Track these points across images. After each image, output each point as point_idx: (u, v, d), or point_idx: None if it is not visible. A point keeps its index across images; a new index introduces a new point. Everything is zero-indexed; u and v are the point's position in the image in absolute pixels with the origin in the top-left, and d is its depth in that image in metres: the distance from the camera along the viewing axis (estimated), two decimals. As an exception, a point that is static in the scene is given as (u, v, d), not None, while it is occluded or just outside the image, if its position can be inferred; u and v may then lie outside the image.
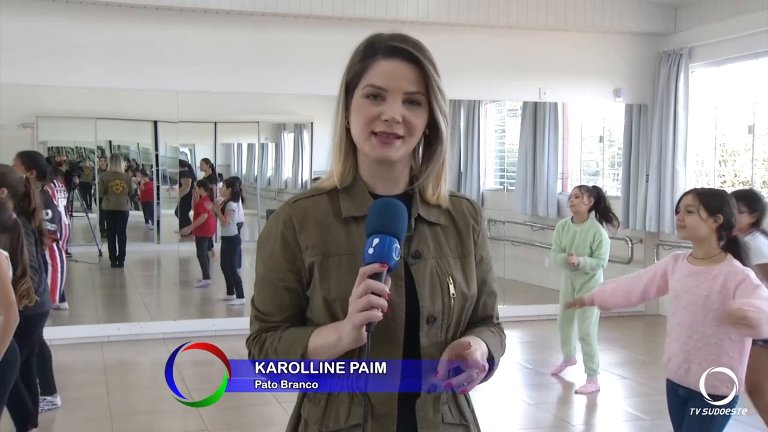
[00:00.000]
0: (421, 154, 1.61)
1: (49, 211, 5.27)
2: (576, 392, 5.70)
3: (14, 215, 3.42)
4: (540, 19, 7.72)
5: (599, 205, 5.64)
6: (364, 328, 1.42)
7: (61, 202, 5.85)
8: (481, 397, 1.52)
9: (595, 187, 5.88)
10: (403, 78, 1.51)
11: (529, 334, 6.82)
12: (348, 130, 1.56)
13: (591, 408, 5.53)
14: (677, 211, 3.19)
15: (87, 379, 5.90)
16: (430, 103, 1.53)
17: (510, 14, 7.60)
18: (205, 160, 10.58)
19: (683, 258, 3.16)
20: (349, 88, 1.56)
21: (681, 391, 3.07)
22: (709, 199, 3.09)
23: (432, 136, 1.57)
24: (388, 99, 1.50)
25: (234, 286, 8.28)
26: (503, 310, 1.82)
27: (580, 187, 5.84)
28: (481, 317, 1.67)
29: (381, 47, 1.53)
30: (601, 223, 5.64)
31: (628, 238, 8.51)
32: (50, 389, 5.13)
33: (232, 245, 8.35)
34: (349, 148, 1.58)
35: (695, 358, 3.00)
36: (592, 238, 5.59)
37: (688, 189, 4.01)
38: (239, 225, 8.85)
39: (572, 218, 5.79)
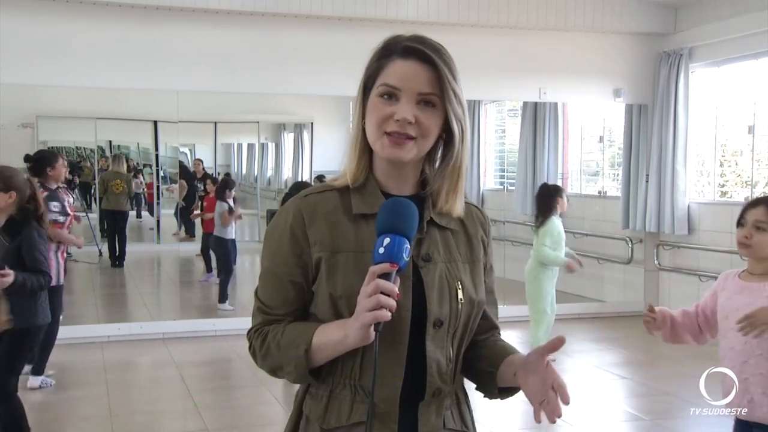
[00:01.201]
0: (439, 158, 1.60)
1: (57, 204, 5.50)
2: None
3: None
4: (540, 19, 7.72)
5: None
6: (372, 327, 1.41)
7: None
8: (481, 396, 1.52)
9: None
10: (418, 79, 1.50)
11: (528, 334, 6.81)
12: (365, 130, 1.56)
13: (591, 408, 5.53)
14: (740, 224, 2.73)
15: (87, 379, 5.90)
16: (444, 106, 1.51)
17: (510, 14, 7.60)
18: (199, 161, 10.64)
19: (734, 275, 2.80)
20: (366, 88, 1.56)
21: (755, 430, 2.66)
22: None
23: (448, 140, 1.56)
24: (402, 99, 1.50)
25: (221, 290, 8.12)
26: (503, 310, 1.83)
27: None
28: (489, 326, 1.69)
29: (398, 48, 1.53)
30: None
31: (628, 238, 8.52)
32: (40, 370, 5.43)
33: (225, 247, 8.17)
34: (364, 147, 1.57)
35: (756, 387, 2.61)
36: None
37: (754, 197, 3.30)
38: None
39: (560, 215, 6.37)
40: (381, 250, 1.42)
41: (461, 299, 1.56)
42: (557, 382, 1.48)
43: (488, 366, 1.62)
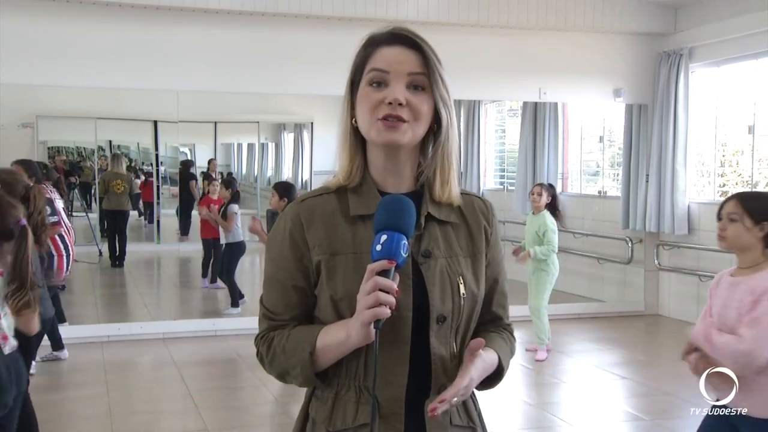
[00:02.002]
0: (430, 148, 1.59)
1: (48, 208, 5.47)
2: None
3: (24, 221, 3.26)
4: (540, 19, 7.72)
5: (553, 201, 6.58)
6: (373, 325, 1.42)
7: (58, 203, 5.91)
8: (482, 396, 1.53)
9: (551, 185, 6.85)
10: (406, 61, 1.51)
11: (529, 334, 6.82)
12: (355, 129, 1.56)
13: (591, 408, 5.53)
14: (719, 219, 2.87)
15: (87, 379, 5.90)
16: (432, 89, 1.52)
17: (510, 14, 7.60)
18: (212, 161, 10.60)
19: (727, 273, 2.87)
20: (354, 84, 1.56)
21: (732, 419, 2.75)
22: (755, 204, 2.78)
23: (438, 128, 1.56)
24: (392, 83, 1.50)
25: (231, 295, 7.96)
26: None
27: (541, 185, 6.71)
28: (491, 318, 1.67)
29: (383, 37, 1.55)
30: (554, 215, 6.54)
31: (628, 238, 8.51)
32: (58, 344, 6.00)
33: (235, 252, 7.99)
34: (356, 146, 1.57)
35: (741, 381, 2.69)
36: (538, 227, 6.47)
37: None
38: None
39: (532, 211, 6.68)
40: (378, 248, 1.42)
41: (463, 294, 1.55)
42: (454, 383, 1.50)
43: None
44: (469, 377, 1.50)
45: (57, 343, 6.21)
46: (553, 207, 6.57)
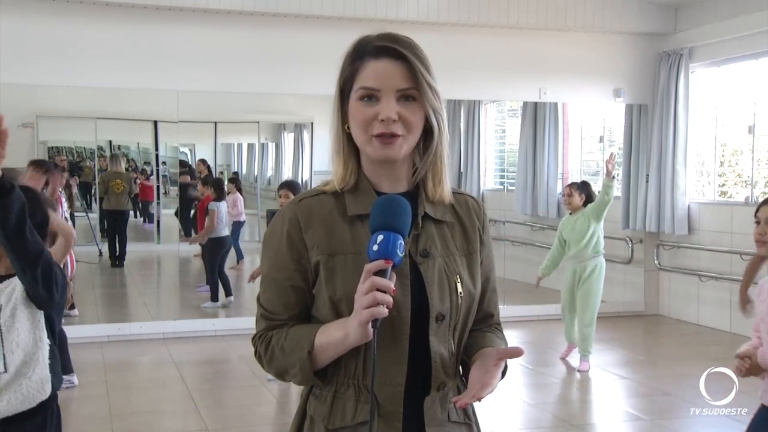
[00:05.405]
0: (421, 150, 1.61)
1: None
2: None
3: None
4: (540, 19, 7.72)
5: (588, 200, 6.37)
6: (371, 324, 1.42)
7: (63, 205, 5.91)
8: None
9: (584, 182, 6.70)
10: (394, 76, 1.51)
11: (529, 334, 6.82)
12: (348, 135, 1.57)
13: (591, 408, 5.53)
14: (758, 222, 2.76)
15: (87, 379, 5.89)
16: (423, 100, 1.53)
17: (510, 14, 7.60)
18: (202, 161, 10.58)
19: None
20: (343, 92, 1.57)
21: None
22: None
23: (430, 130, 1.57)
24: (382, 99, 1.51)
25: (210, 289, 8.08)
26: (503, 310, 1.83)
27: (571, 185, 6.52)
28: (483, 316, 1.69)
29: (369, 49, 1.54)
30: None
31: (628, 238, 8.51)
32: (67, 369, 5.31)
33: (216, 247, 8.12)
34: (349, 151, 1.58)
35: None
36: (581, 225, 6.30)
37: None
38: (240, 224, 8.74)
39: (570, 213, 6.46)
40: (375, 248, 1.43)
41: (461, 293, 1.57)
42: (486, 382, 1.51)
43: (464, 355, 1.64)
44: (498, 378, 1.53)
45: (65, 367, 5.94)
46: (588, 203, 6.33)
